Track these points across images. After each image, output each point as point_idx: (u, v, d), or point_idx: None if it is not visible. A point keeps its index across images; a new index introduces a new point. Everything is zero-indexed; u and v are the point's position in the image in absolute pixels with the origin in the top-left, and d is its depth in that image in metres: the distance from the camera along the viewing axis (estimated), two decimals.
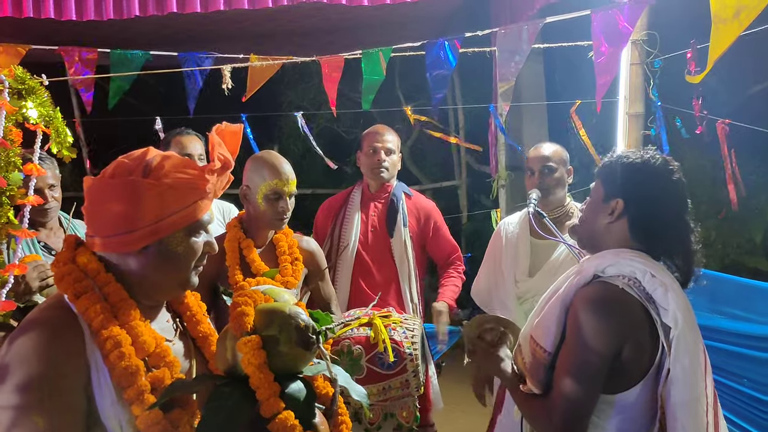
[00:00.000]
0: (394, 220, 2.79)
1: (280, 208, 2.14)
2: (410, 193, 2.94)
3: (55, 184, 2.42)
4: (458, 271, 3.00)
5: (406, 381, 2.41)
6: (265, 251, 2.23)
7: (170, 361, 1.17)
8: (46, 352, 1.04)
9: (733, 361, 2.73)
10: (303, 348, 1.14)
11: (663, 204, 1.53)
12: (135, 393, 1.09)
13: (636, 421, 1.46)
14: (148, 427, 1.08)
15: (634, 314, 1.42)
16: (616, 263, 1.48)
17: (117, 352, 1.09)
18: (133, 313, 1.15)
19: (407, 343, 2.42)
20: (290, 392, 1.13)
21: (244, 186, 2.19)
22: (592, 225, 1.60)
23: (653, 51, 3.06)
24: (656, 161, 1.55)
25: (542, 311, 1.56)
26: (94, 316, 1.10)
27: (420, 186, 8.17)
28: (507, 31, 2.33)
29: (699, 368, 1.44)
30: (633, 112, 3.16)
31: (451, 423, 4.14)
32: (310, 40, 4.16)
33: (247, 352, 1.12)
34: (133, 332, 1.13)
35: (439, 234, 2.96)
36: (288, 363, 1.15)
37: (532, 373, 1.53)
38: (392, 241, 2.79)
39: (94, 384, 1.08)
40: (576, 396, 1.40)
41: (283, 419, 1.09)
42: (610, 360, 1.41)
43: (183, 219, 1.16)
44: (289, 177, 2.14)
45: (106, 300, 1.14)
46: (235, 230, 2.22)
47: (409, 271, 2.83)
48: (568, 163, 2.68)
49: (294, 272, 2.20)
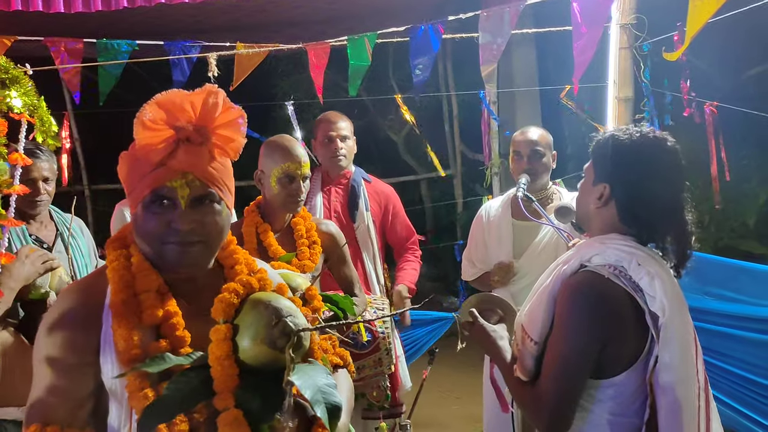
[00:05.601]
0: (356, 205, 2.82)
1: (294, 191, 2.15)
2: (369, 178, 2.96)
3: (50, 177, 2.43)
4: (415, 255, 3.04)
5: (379, 360, 2.45)
6: (283, 235, 2.24)
7: (178, 336, 1.15)
8: (66, 313, 1.14)
9: (722, 341, 2.76)
10: (269, 347, 1.09)
11: (654, 186, 1.49)
12: (127, 358, 1.10)
13: (625, 406, 1.46)
14: (132, 392, 1.09)
15: (619, 304, 1.42)
16: (602, 252, 1.47)
17: (118, 318, 1.12)
18: (148, 283, 1.17)
19: (379, 322, 2.46)
20: (246, 391, 1.08)
21: (259, 170, 2.21)
22: (585, 208, 1.60)
23: (641, 35, 3.06)
24: (647, 140, 1.50)
25: (531, 301, 1.57)
26: (115, 280, 1.16)
27: (415, 176, 8.19)
28: (489, 15, 2.33)
29: (689, 353, 1.45)
30: (622, 97, 3.17)
31: (444, 408, 4.19)
32: (299, 30, 4.16)
33: (214, 341, 1.11)
34: (141, 300, 1.15)
35: (397, 219, 2.99)
36: (252, 359, 1.10)
37: (520, 360, 1.54)
38: (355, 225, 2.82)
39: (102, 348, 1.12)
40: (562, 388, 1.41)
41: (230, 416, 1.06)
42: (597, 350, 1.41)
43: (141, 191, 1.15)
44: (302, 159, 2.16)
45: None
46: (253, 215, 2.24)
47: (374, 253, 2.88)
48: (553, 148, 2.70)
49: (311, 255, 2.20)
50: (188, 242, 1.15)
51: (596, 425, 1.46)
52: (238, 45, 2.56)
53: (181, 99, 1.13)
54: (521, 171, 2.61)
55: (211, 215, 1.17)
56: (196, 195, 1.15)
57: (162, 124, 1.11)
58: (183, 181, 1.13)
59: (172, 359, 1.10)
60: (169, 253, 1.16)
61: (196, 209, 1.15)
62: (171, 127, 1.11)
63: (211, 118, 1.13)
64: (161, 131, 1.11)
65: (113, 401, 1.14)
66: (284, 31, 4.26)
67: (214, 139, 1.14)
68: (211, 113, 1.13)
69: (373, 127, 8.57)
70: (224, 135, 1.15)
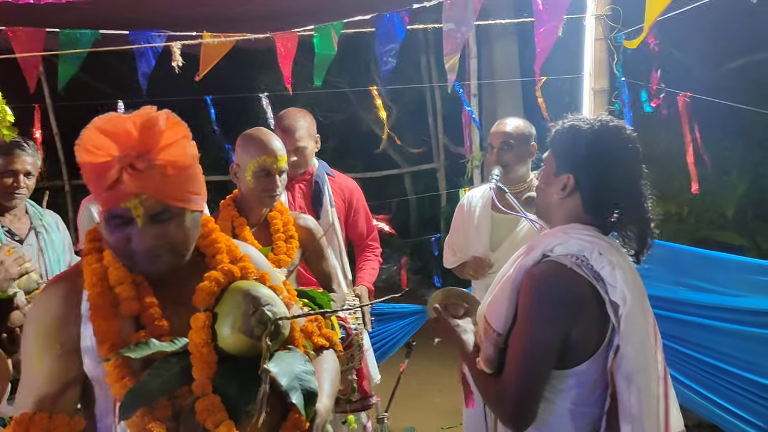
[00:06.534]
0: (320, 202, 2.77)
1: (270, 185, 2.11)
2: (332, 173, 2.91)
3: (32, 172, 2.42)
4: (375, 253, 3.00)
5: (351, 356, 2.43)
6: (260, 229, 2.20)
7: (158, 326, 1.17)
8: (48, 306, 1.19)
9: (696, 332, 2.77)
10: (246, 335, 1.11)
11: (617, 175, 1.49)
12: (106, 348, 1.13)
13: (587, 395, 1.45)
14: (113, 381, 1.12)
15: (582, 294, 1.41)
16: (565, 242, 1.46)
17: (95, 310, 1.15)
18: (121, 275, 1.19)
19: (352, 319, 2.44)
20: (224, 378, 1.11)
21: (235, 164, 2.17)
22: (546, 198, 1.58)
23: (617, 26, 3.06)
24: (607, 130, 1.50)
25: (494, 291, 1.56)
26: (88, 274, 1.19)
27: (399, 170, 8.18)
28: (453, 2, 2.31)
29: (649, 343, 1.44)
30: (598, 88, 3.16)
31: (425, 400, 4.19)
32: (268, 21, 4.10)
33: (194, 328, 1.13)
34: (116, 293, 1.18)
35: (359, 214, 2.95)
36: (231, 347, 1.13)
37: (483, 352, 1.52)
38: (320, 222, 2.78)
39: (83, 339, 1.16)
40: (526, 380, 1.40)
41: (207, 401, 1.08)
42: (560, 341, 1.40)
43: (100, 204, 1.16)
44: (278, 153, 2.11)
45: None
46: (229, 209, 2.20)
47: (340, 249, 2.83)
48: (533, 139, 2.68)
49: (288, 250, 2.17)
50: (153, 255, 1.16)
51: (558, 415, 1.45)
52: (205, 34, 2.52)
53: (120, 125, 1.11)
54: (494, 163, 2.62)
55: (173, 227, 1.16)
56: (152, 213, 1.13)
57: (104, 152, 1.09)
58: (136, 201, 1.12)
59: (155, 345, 1.12)
60: (136, 263, 1.17)
61: (155, 225, 1.14)
62: (112, 157, 1.09)
63: (153, 141, 1.11)
64: (104, 158, 1.10)
65: (99, 391, 1.19)
66: (249, 27, 4.21)
67: (159, 162, 1.11)
68: (153, 137, 1.11)
69: (356, 120, 8.55)
70: (170, 157, 1.12)
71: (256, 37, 2.61)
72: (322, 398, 1.23)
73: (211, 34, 2.54)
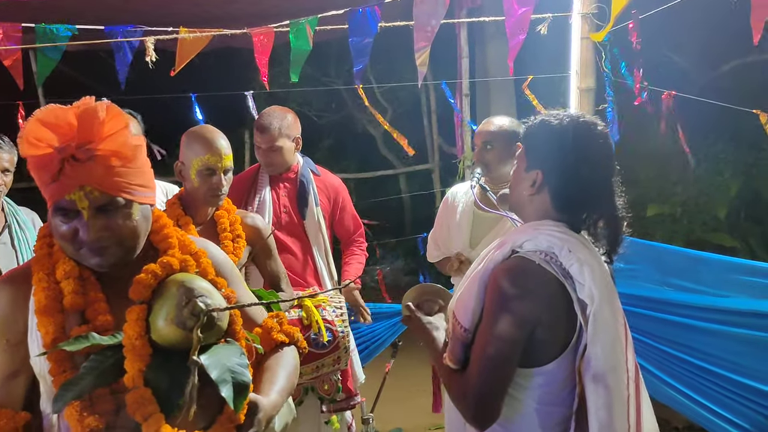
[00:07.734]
0: (305, 201, 2.73)
1: (214, 184, 2.09)
2: (317, 171, 2.88)
3: (9, 169, 2.41)
4: (361, 248, 2.99)
5: (338, 358, 2.41)
6: (206, 228, 2.18)
7: (102, 321, 1.17)
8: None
9: (682, 332, 2.74)
10: (179, 327, 1.11)
11: (586, 171, 1.46)
12: (49, 341, 1.13)
13: (554, 395, 1.43)
14: (55, 375, 1.12)
15: (550, 291, 1.39)
16: (534, 238, 1.44)
17: (39, 304, 1.16)
18: (68, 270, 1.18)
19: (338, 321, 2.42)
20: (157, 371, 1.11)
21: (179, 162, 2.15)
22: (518, 195, 1.56)
23: (602, 24, 3.04)
24: (576, 125, 1.48)
25: (463, 287, 1.53)
26: (36, 269, 1.19)
27: (394, 170, 8.17)
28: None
29: (618, 342, 1.41)
30: (584, 87, 3.15)
31: (411, 401, 4.16)
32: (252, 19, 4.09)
33: (129, 320, 1.12)
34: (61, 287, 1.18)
35: (345, 212, 2.93)
36: (164, 339, 1.12)
37: (451, 348, 1.50)
38: (305, 221, 2.75)
39: (29, 333, 1.17)
40: (490, 377, 1.38)
41: (137, 394, 1.08)
42: (526, 338, 1.38)
43: (47, 198, 1.15)
44: (222, 152, 2.09)
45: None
46: (174, 207, 2.17)
47: (325, 248, 2.81)
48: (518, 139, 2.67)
49: (235, 249, 2.15)
50: (100, 247, 1.15)
51: (524, 414, 1.43)
52: (181, 29, 2.50)
53: (61, 116, 1.10)
54: (478, 162, 2.62)
55: (120, 219, 1.15)
56: (98, 205, 1.13)
57: (45, 143, 1.09)
58: (81, 194, 1.11)
59: (95, 338, 1.12)
60: (84, 257, 1.16)
61: (102, 217, 1.14)
62: (53, 148, 1.09)
63: (94, 132, 1.11)
64: (45, 150, 1.09)
65: (43, 386, 1.18)
66: (238, 22, 4.21)
67: (101, 153, 1.11)
68: (93, 128, 1.10)
69: (351, 121, 8.55)
70: (111, 147, 1.12)
71: (233, 32, 2.60)
72: (271, 393, 1.22)
73: (187, 29, 2.52)
